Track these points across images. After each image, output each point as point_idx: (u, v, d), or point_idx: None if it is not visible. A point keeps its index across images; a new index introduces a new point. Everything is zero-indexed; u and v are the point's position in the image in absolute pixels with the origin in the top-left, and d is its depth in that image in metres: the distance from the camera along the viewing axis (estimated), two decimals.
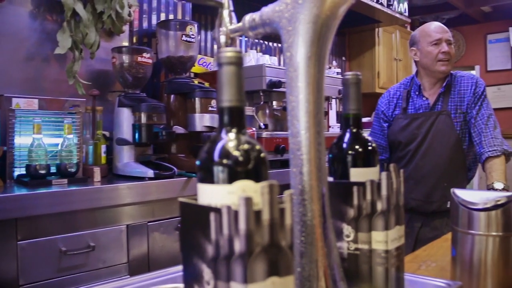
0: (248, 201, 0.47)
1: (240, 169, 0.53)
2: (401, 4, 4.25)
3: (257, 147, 0.56)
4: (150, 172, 2.05)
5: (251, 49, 3.62)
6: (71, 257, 1.76)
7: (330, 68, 4.21)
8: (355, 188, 0.73)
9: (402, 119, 2.30)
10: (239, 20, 0.81)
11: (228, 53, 0.56)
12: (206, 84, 2.61)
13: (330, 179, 0.79)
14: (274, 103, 2.78)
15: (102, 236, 1.86)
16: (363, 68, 4.72)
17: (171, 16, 2.83)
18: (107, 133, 2.32)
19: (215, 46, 3.44)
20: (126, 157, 2.20)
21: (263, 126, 2.67)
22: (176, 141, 2.33)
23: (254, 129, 2.48)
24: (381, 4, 3.97)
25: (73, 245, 1.77)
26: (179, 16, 2.87)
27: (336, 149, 0.78)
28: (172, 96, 2.40)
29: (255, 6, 0.85)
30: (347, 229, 0.75)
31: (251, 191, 0.52)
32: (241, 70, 0.57)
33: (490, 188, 2.04)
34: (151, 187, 2.01)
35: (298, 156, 0.65)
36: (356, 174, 0.76)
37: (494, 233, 0.96)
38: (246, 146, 0.54)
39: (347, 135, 0.78)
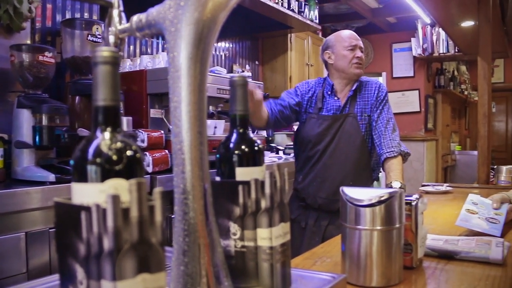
0: (115, 198, 0.47)
1: (112, 168, 0.53)
2: (311, 12, 4.40)
3: (133, 146, 0.56)
4: (51, 176, 1.97)
5: (163, 51, 3.59)
6: None
7: (243, 71, 4.27)
8: (240, 187, 0.75)
9: (314, 119, 2.38)
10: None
11: (103, 52, 0.56)
12: None
13: (218, 178, 0.80)
14: None
15: None
16: (276, 72, 4.83)
17: (77, 15, 2.74)
18: (5, 136, 2.19)
19: (125, 47, 3.37)
20: (26, 161, 2.09)
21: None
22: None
23: (162, 132, 2.46)
24: (293, 10, 4.08)
25: None
26: (86, 15, 2.79)
27: (223, 149, 0.80)
28: (77, 97, 2.32)
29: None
30: (233, 227, 0.77)
31: (123, 189, 0.52)
32: (117, 70, 0.57)
33: (389, 187, 2.16)
34: (52, 192, 1.93)
35: (180, 155, 0.66)
36: (242, 173, 0.78)
37: (378, 227, 1.03)
38: (119, 145, 0.55)
39: (234, 136, 0.80)
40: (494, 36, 4.45)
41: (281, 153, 3.91)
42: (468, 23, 4.08)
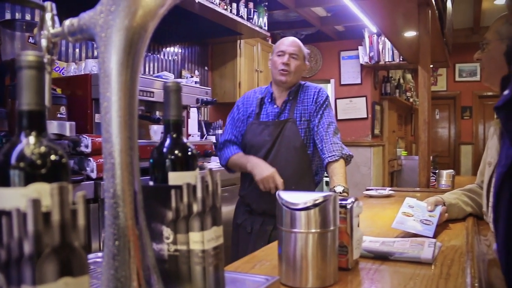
0: (35, 202, 0.47)
1: (35, 172, 0.53)
2: (260, 19, 4.45)
3: (59, 151, 0.56)
4: None
5: None
6: None
7: (192, 77, 4.26)
8: (172, 191, 0.76)
9: (256, 124, 2.40)
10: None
11: (28, 57, 0.56)
12: (58, 90, 2.50)
13: (151, 183, 0.81)
14: None
15: None
16: (225, 78, 4.85)
17: (18, 16, 2.66)
18: None
19: (70, 50, 3.30)
20: None
21: None
22: None
23: None
24: (241, 17, 4.12)
25: None
26: (28, 17, 2.72)
27: (157, 154, 0.80)
28: (17, 101, 2.26)
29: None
30: (166, 231, 0.78)
31: (46, 194, 0.53)
32: (42, 74, 0.57)
33: (332, 191, 2.21)
34: None
35: (110, 160, 0.66)
36: (175, 178, 0.79)
37: (313, 230, 1.06)
38: (43, 150, 0.55)
39: (168, 141, 0.81)
40: (436, 46, 4.64)
41: None
42: (410, 34, 4.23)
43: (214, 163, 3.45)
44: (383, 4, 3.41)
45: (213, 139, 4.11)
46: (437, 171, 3.52)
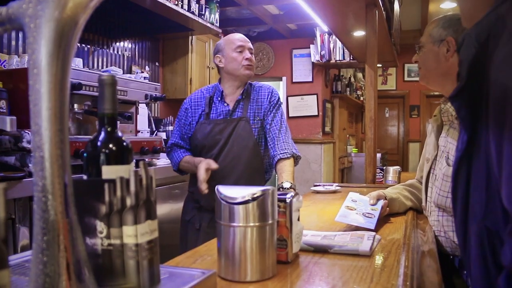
0: None
1: None
2: (212, 15, 4.44)
3: None
4: None
5: None
6: None
7: (142, 72, 4.21)
8: (106, 185, 0.76)
9: (206, 124, 2.40)
10: None
11: None
12: None
13: (85, 177, 0.80)
14: (76, 106, 2.69)
15: None
16: (176, 74, 4.81)
17: None
18: None
19: (13, 42, 3.19)
20: None
21: None
22: None
23: None
24: (193, 13, 4.10)
25: None
26: None
27: (91, 147, 0.80)
28: None
29: None
30: (100, 226, 0.78)
31: None
32: None
33: (280, 187, 2.25)
34: None
35: (39, 153, 0.65)
36: (108, 172, 0.78)
37: (251, 224, 1.07)
38: None
39: (102, 134, 0.80)
40: (384, 46, 4.77)
41: None
42: (359, 33, 4.34)
43: (163, 160, 3.43)
44: (332, 4, 3.48)
45: (163, 135, 4.08)
46: (384, 167, 3.62)
